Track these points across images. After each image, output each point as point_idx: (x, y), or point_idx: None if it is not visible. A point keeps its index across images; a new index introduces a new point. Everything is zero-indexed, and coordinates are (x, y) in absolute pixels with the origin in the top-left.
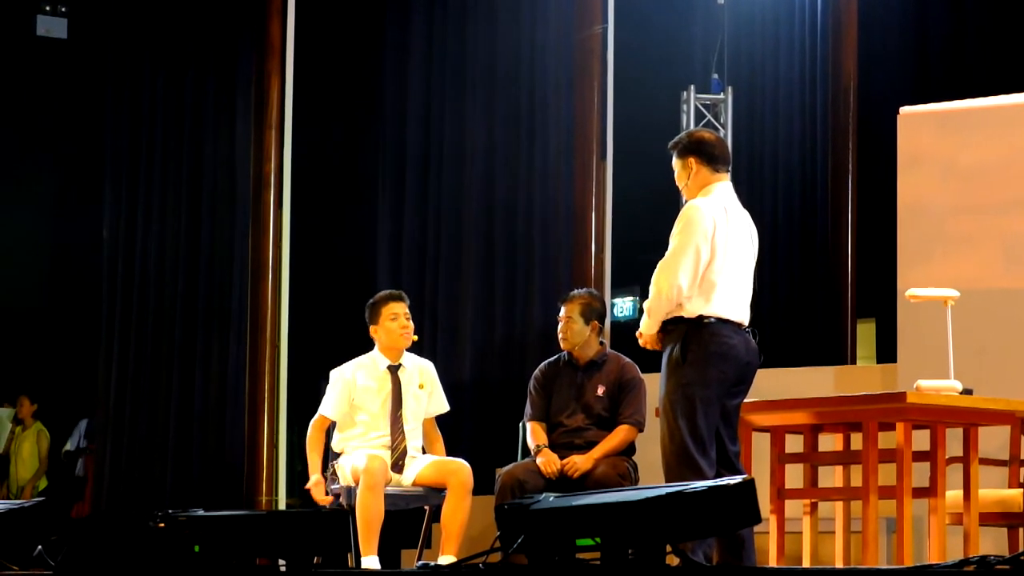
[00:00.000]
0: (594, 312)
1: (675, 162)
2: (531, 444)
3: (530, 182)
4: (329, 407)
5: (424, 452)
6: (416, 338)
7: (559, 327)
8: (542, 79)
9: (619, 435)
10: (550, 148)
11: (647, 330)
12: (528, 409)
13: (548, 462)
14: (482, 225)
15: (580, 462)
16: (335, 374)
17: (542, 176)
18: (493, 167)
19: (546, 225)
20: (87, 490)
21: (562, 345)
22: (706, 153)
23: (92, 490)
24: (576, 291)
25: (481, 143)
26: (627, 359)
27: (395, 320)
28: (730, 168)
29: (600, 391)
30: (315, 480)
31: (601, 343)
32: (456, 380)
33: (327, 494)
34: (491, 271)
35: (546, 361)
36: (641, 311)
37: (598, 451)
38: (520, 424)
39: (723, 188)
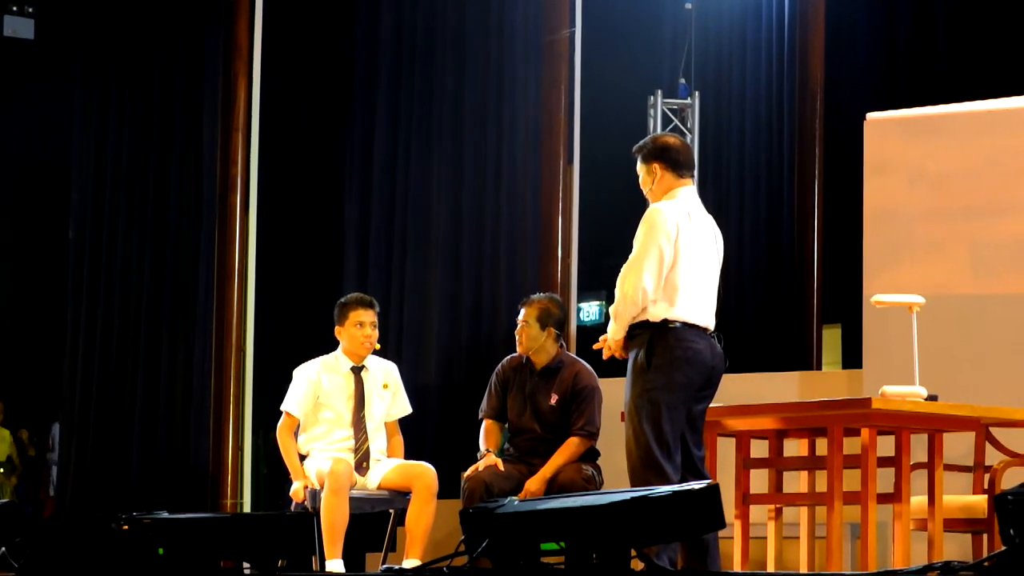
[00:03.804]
0: (551, 318)
1: (639, 167)
2: (481, 444)
3: (497, 185)
4: (294, 404)
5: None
6: (379, 346)
7: (516, 330)
8: (510, 82)
9: (569, 448)
10: (517, 151)
11: (614, 335)
12: (484, 404)
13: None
14: (449, 228)
15: (534, 488)
16: (299, 372)
17: (509, 179)
18: (461, 170)
19: (513, 228)
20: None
21: (518, 349)
22: (671, 159)
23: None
24: (535, 295)
25: (449, 145)
26: (584, 365)
27: (360, 328)
28: (695, 174)
29: (553, 400)
30: (300, 486)
31: (561, 345)
32: (422, 383)
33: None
34: (458, 274)
35: (510, 356)
36: (607, 316)
37: (548, 469)
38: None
39: (687, 193)
